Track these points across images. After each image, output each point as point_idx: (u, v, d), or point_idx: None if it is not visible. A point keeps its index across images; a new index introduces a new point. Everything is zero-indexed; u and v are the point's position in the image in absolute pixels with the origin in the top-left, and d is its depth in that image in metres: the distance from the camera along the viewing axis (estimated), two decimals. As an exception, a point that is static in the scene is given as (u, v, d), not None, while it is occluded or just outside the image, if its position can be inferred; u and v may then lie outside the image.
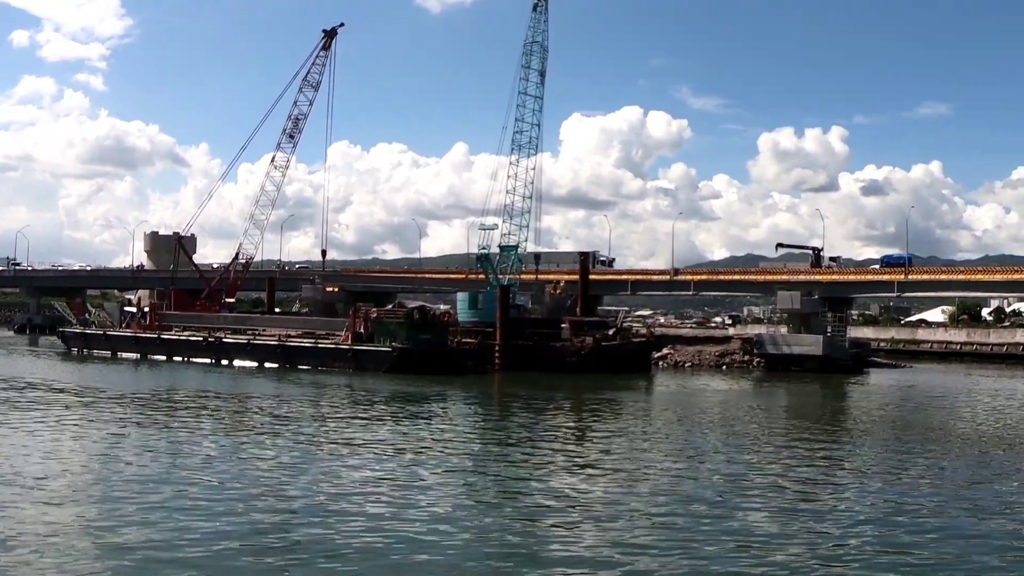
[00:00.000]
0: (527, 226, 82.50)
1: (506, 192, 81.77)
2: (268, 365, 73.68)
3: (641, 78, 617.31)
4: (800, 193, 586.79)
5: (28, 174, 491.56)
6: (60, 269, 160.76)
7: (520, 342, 75.87)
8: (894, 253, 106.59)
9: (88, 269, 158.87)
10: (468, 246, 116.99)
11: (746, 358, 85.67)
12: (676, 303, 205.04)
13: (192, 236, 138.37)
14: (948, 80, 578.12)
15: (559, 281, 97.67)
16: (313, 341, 76.04)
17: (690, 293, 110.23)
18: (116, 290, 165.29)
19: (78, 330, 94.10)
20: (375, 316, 76.88)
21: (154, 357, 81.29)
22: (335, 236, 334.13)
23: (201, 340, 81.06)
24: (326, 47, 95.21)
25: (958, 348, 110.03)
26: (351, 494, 24.61)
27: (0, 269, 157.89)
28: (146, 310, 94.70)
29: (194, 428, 37.70)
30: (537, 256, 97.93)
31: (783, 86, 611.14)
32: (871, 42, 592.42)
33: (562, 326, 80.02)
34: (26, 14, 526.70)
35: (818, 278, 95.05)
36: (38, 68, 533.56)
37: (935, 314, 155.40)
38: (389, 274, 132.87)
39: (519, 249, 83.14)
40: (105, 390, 52.53)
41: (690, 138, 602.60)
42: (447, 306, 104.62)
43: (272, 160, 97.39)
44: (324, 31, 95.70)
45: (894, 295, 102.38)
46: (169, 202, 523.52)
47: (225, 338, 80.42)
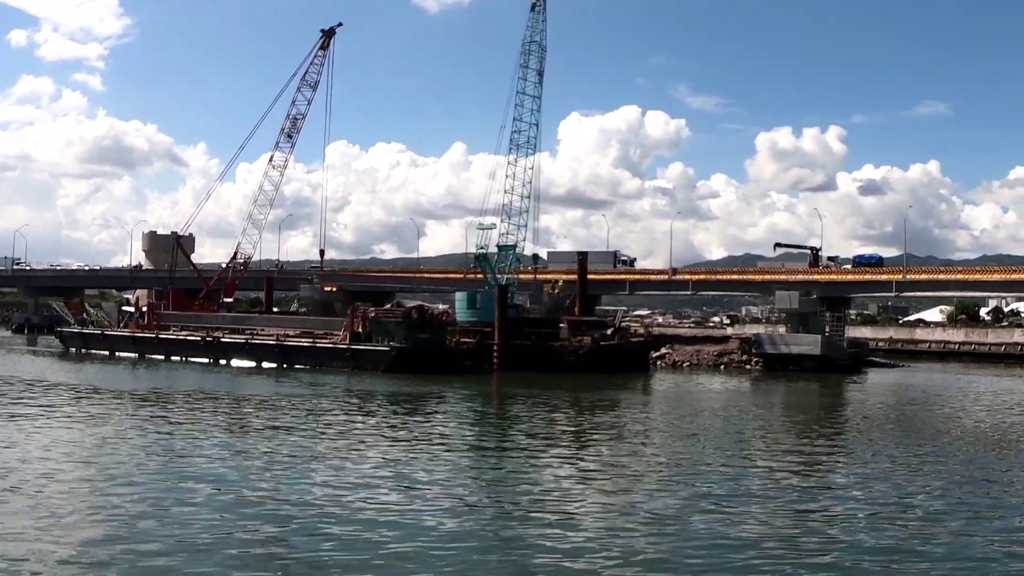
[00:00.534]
0: (525, 226, 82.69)
1: (504, 192, 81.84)
2: (266, 365, 73.65)
3: (639, 77, 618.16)
4: (798, 193, 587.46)
5: (26, 174, 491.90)
6: (58, 269, 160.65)
7: (518, 342, 75.86)
8: (866, 254, 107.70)
9: (86, 269, 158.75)
10: (466, 246, 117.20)
11: (744, 358, 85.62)
12: (674, 303, 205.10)
13: (190, 236, 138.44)
14: (946, 79, 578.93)
15: (557, 281, 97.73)
16: (311, 341, 76.04)
17: (688, 293, 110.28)
18: (114, 290, 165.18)
19: (76, 330, 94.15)
20: (373, 316, 76.91)
21: (152, 357, 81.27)
22: (333, 236, 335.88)
23: (199, 340, 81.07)
24: (324, 47, 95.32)
25: (956, 348, 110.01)
26: (348, 496, 24.54)
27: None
28: (144, 310, 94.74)
29: (189, 429, 37.57)
30: (538, 256, 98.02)
31: (781, 85, 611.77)
32: (869, 41, 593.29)
33: (560, 326, 80.00)
34: (24, 14, 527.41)
35: (816, 278, 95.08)
36: (36, 68, 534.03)
37: (933, 314, 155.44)
38: (387, 274, 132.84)
39: (517, 248, 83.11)
40: (101, 389, 52.53)
41: (688, 137, 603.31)
42: (445, 306, 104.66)
43: (270, 160, 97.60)
44: (322, 31, 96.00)
45: (892, 295, 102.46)
46: (167, 202, 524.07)
47: (223, 338, 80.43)
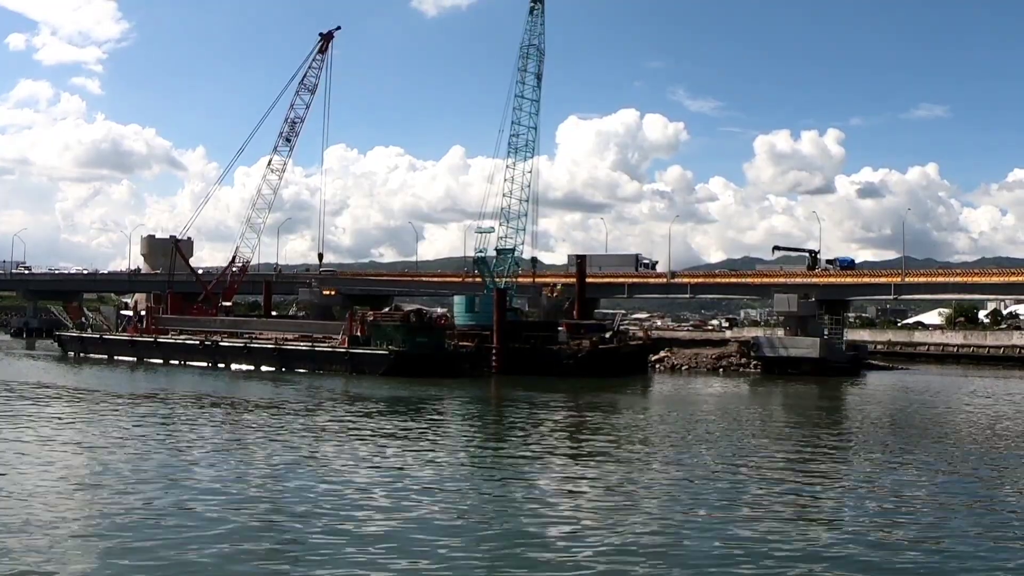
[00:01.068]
0: (524, 229, 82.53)
1: (503, 195, 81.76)
2: (265, 368, 73.59)
3: (637, 80, 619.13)
4: (796, 195, 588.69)
5: (25, 177, 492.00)
6: (57, 272, 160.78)
7: (517, 345, 75.85)
8: (840, 256, 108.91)
9: (85, 272, 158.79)
10: (465, 249, 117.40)
11: (743, 361, 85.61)
12: (673, 306, 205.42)
13: (189, 239, 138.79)
14: (944, 82, 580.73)
15: (556, 284, 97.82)
16: (310, 344, 76.04)
17: (687, 296, 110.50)
18: (113, 294, 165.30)
19: (75, 334, 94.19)
20: (372, 319, 77.01)
21: (150, 361, 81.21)
22: (332, 239, 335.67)
23: (197, 343, 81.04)
24: (323, 50, 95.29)
25: (955, 350, 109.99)
26: (347, 500, 24.52)
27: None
28: (143, 314, 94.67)
29: (186, 434, 37.54)
30: (537, 260, 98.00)
31: (779, 88, 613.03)
32: (867, 44, 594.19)
33: (559, 329, 80.00)
34: (23, 17, 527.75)
35: (815, 281, 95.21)
36: (35, 71, 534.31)
37: (932, 316, 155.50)
38: (386, 277, 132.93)
39: (516, 252, 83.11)
40: (98, 393, 52.48)
41: (686, 140, 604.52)
42: (444, 309, 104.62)
43: (269, 163, 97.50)
44: (320, 34, 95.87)
45: (891, 297, 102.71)
46: (166, 205, 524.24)
47: (222, 341, 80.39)
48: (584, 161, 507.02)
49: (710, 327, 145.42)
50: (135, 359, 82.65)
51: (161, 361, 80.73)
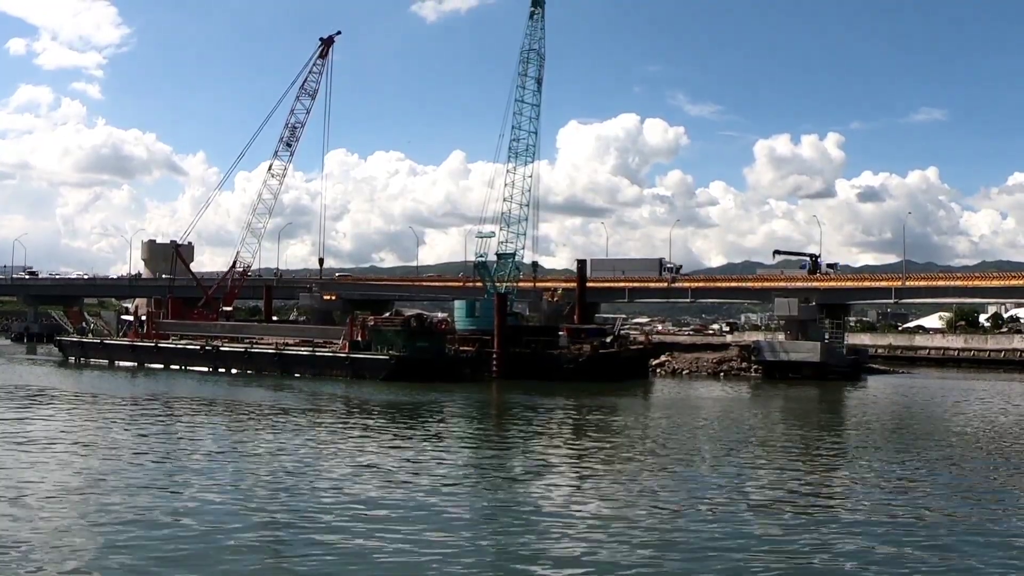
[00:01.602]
0: (524, 234, 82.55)
1: (503, 200, 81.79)
2: (265, 374, 73.56)
3: (637, 85, 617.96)
4: (797, 200, 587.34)
5: (25, 182, 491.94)
6: (57, 277, 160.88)
7: (518, 350, 75.84)
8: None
9: (85, 277, 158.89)
10: (465, 254, 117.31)
11: (744, 365, 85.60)
12: (673, 310, 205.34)
13: (189, 244, 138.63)
14: (944, 86, 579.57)
15: (556, 289, 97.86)
16: (310, 349, 76.06)
17: (687, 300, 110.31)
18: (113, 298, 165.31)
19: (75, 339, 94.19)
20: (372, 324, 77.04)
21: (151, 366, 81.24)
22: (332, 244, 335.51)
23: (198, 348, 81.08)
24: (323, 55, 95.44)
25: (956, 354, 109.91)
26: (346, 506, 24.50)
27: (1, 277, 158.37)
28: (143, 319, 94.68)
29: (185, 440, 37.53)
30: (538, 264, 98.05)
31: (779, 92, 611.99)
32: (867, 48, 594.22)
33: (560, 334, 79.99)
34: (23, 23, 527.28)
35: (815, 285, 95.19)
36: (35, 77, 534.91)
37: (932, 320, 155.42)
38: (386, 282, 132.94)
39: (516, 257, 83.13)
40: (99, 397, 52.49)
41: (686, 145, 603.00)
42: (444, 314, 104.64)
43: (269, 168, 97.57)
44: (321, 39, 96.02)
45: (891, 301, 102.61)
46: (166, 210, 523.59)
47: (222, 346, 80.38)
48: (584, 166, 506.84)
49: (711, 331, 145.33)
50: (136, 364, 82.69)
51: (162, 366, 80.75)
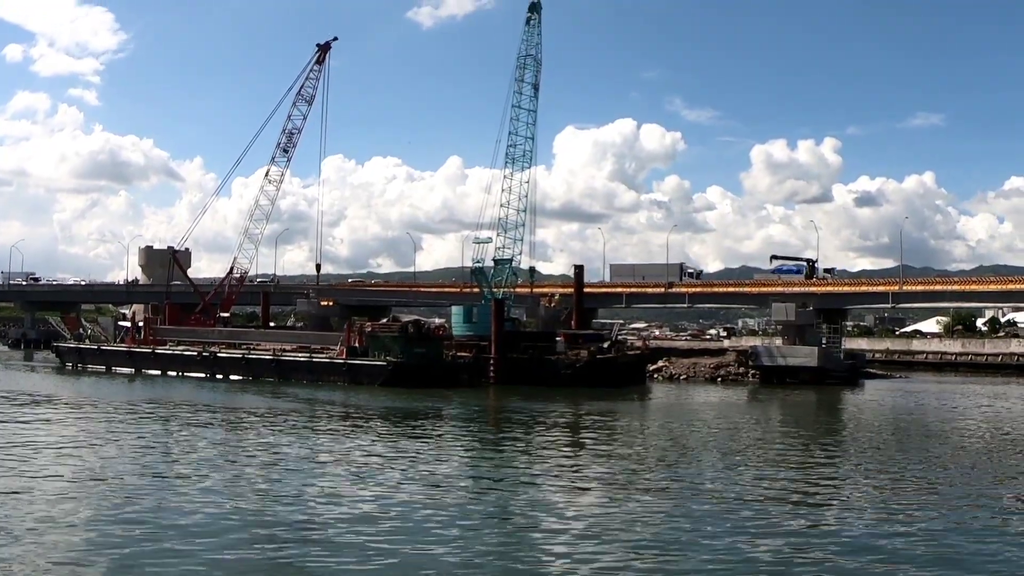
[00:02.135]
0: (521, 239, 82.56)
1: (500, 205, 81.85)
2: (263, 380, 73.47)
3: (634, 91, 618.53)
4: (794, 204, 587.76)
5: (22, 189, 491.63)
6: (55, 284, 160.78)
7: (515, 355, 75.79)
8: (786, 264, 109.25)
9: (83, 283, 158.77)
10: (463, 260, 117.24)
11: (741, 370, 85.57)
12: (671, 315, 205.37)
13: (187, 250, 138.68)
14: (941, 91, 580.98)
15: (554, 294, 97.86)
16: (308, 355, 75.97)
17: (685, 305, 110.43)
18: (111, 304, 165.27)
19: (72, 345, 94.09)
20: (370, 330, 77.02)
21: (148, 372, 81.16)
22: (329, 250, 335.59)
23: (195, 355, 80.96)
24: (320, 61, 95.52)
25: (953, 358, 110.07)
26: (342, 512, 24.48)
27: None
28: (140, 325, 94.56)
29: (182, 446, 37.46)
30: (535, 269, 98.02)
31: (776, 97, 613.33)
32: (863, 53, 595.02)
33: (557, 339, 79.97)
34: (20, 29, 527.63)
35: (812, 290, 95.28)
36: (32, 83, 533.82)
37: (930, 325, 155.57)
38: (384, 288, 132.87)
39: (514, 262, 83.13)
40: (96, 404, 52.41)
41: (683, 150, 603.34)
42: (442, 320, 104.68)
43: (266, 174, 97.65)
44: (318, 45, 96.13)
45: (889, 306, 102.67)
46: (163, 216, 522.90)
47: (219, 352, 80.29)
48: (581, 171, 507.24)
49: (708, 336, 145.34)
50: (133, 370, 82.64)
51: (159, 372, 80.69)
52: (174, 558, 19.52)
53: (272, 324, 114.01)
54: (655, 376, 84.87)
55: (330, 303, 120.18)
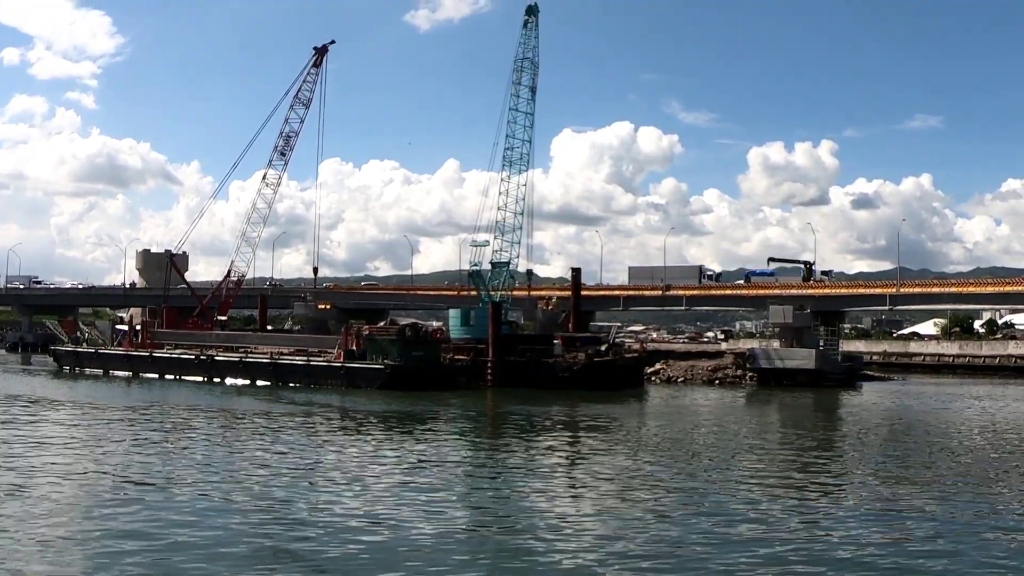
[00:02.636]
0: (519, 242, 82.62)
1: (497, 208, 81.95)
2: (260, 383, 73.48)
3: (631, 93, 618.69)
4: (791, 207, 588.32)
5: (19, 192, 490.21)
6: (52, 287, 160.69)
7: (512, 358, 75.83)
8: (757, 269, 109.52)
9: (80, 287, 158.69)
10: (460, 263, 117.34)
11: (739, 372, 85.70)
12: (668, 318, 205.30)
13: (184, 254, 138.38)
14: (938, 93, 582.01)
15: (551, 297, 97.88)
16: (305, 359, 75.95)
17: (682, 308, 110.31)
18: (108, 308, 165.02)
19: (70, 348, 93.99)
20: (367, 333, 76.94)
21: (146, 375, 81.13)
22: (327, 253, 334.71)
23: (193, 358, 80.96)
24: (317, 64, 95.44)
25: (951, 360, 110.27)
26: (339, 515, 24.50)
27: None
28: (138, 328, 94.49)
29: (179, 449, 37.45)
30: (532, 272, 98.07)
31: (773, 100, 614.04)
32: (861, 55, 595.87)
33: (554, 342, 79.98)
34: (17, 32, 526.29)
35: (810, 292, 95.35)
36: (29, 86, 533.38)
37: (927, 327, 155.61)
38: (381, 291, 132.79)
39: (511, 265, 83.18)
40: (93, 407, 52.35)
41: (680, 153, 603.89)
42: (439, 323, 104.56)
43: (263, 177, 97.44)
44: (315, 48, 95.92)
45: (886, 308, 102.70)
46: (161, 220, 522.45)
47: (217, 356, 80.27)
48: (578, 174, 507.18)
49: (706, 339, 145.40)
50: (130, 374, 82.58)
51: (156, 376, 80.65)
52: (170, 562, 19.53)
53: (269, 327, 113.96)
54: (653, 379, 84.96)
55: (327, 306, 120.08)
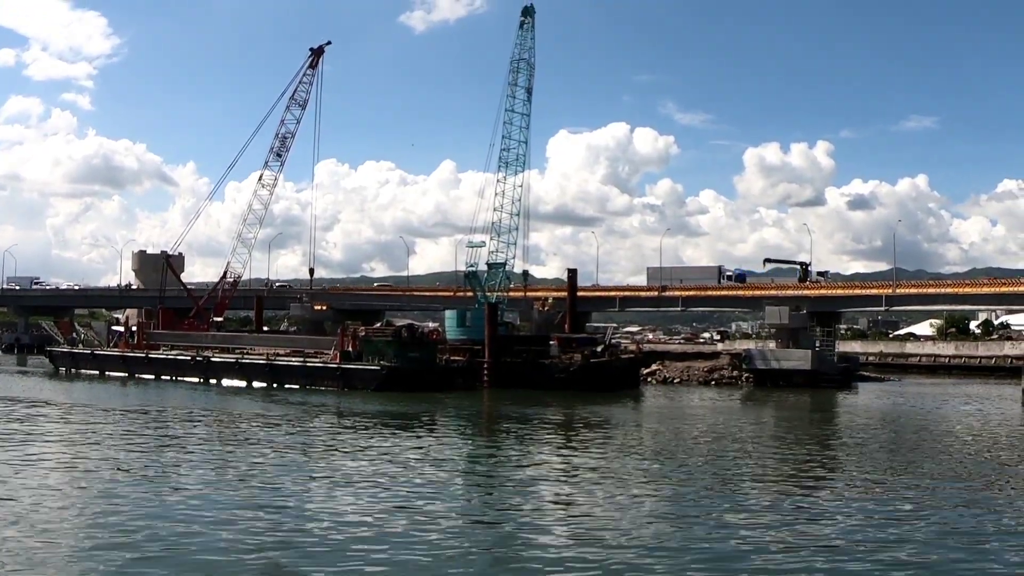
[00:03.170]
0: (514, 243, 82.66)
1: (493, 209, 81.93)
2: (256, 384, 73.44)
3: (627, 94, 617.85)
4: (787, 208, 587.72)
5: (15, 193, 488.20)
6: (48, 288, 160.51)
7: (508, 359, 75.86)
8: (733, 270, 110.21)
9: (76, 288, 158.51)
10: (456, 264, 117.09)
11: (735, 373, 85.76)
12: (664, 319, 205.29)
13: (180, 255, 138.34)
14: (933, 94, 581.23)
15: (547, 298, 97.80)
16: (301, 360, 75.92)
17: (678, 309, 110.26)
18: (104, 309, 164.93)
19: (66, 349, 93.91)
20: (363, 334, 76.91)
21: (142, 376, 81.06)
22: (323, 254, 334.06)
23: (189, 359, 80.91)
24: (313, 66, 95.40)
25: (946, 361, 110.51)
26: (336, 516, 24.50)
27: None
28: (134, 329, 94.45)
29: (176, 450, 37.44)
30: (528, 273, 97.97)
31: (769, 101, 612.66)
32: (856, 56, 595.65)
33: (550, 343, 80.00)
34: (13, 33, 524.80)
35: (806, 293, 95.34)
36: (25, 87, 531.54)
37: (923, 328, 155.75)
38: (377, 292, 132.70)
39: (507, 266, 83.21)
40: (89, 408, 52.30)
41: (676, 154, 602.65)
42: (435, 324, 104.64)
43: (259, 178, 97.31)
44: (311, 49, 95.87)
45: (882, 309, 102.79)
46: (157, 221, 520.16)
47: (213, 357, 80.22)
48: (574, 175, 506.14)
49: (702, 340, 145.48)
50: (126, 375, 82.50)
51: (152, 377, 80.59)
52: (164, 565, 19.53)
53: (265, 328, 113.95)
54: (649, 379, 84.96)
55: (323, 307, 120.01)
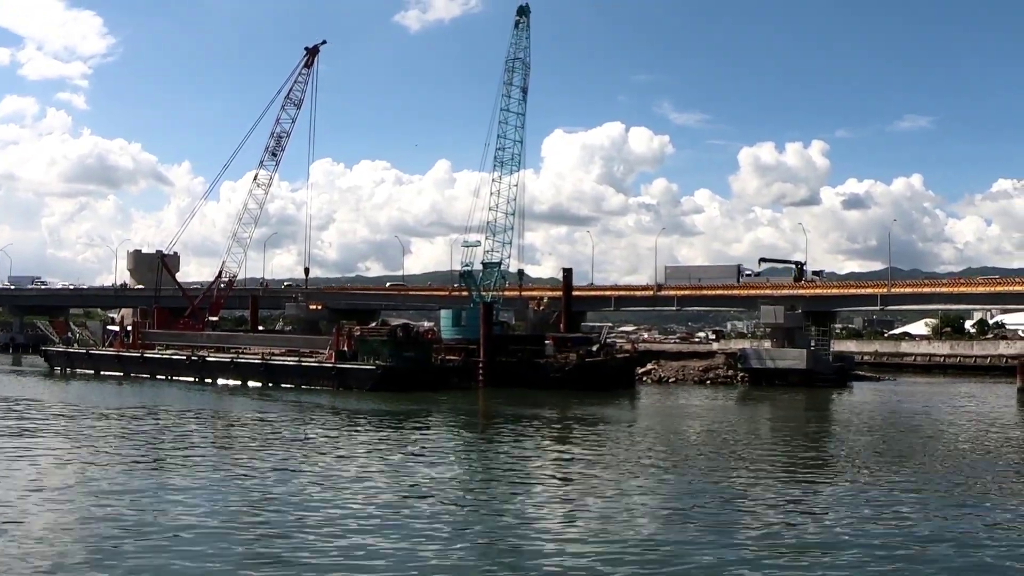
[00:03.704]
0: (510, 242, 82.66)
1: (488, 209, 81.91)
2: (252, 383, 73.40)
3: (622, 94, 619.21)
4: (782, 207, 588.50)
5: (11, 193, 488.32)
6: (43, 288, 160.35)
7: (504, 359, 75.89)
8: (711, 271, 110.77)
9: (71, 288, 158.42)
10: (451, 263, 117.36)
11: (730, 373, 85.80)
12: (660, 318, 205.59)
13: (175, 254, 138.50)
14: (928, 94, 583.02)
15: (542, 297, 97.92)
16: (297, 359, 75.88)
17: (674, 308, 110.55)
18: (99, 309, 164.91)
19: (61, 349, 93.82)
20: (359, 334, 76.91)
21: (137, 376, 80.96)
22: (318, 254, 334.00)
23: (184, 359, 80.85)
24: (308, 65, 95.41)
25: (941, 360, 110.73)
26: (333, 518, 24.48)
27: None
28: (129, 329, 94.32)
29: (173, 451, 37.40)
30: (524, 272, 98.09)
31: (764, 101, 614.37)
32: (852, 56, 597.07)
33: (546, 342, 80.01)
34: (8, 32, 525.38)
35: (801, 292, 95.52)
36: (20, 87, 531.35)
37: (918, 327, 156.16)
38: (372, 291, 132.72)
39: (502, 266, 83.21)
40: (84, 408, 52.23)
41: (672, 154, 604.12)
42: (431, 323, 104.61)
43: (255, 178, 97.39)
44: (306, 49, 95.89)
45: (877, 308, 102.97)
46: (152, 220, 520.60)
47: (208, 356, 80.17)
48: (570, 174, 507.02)
49: (697, 339, 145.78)
50: (122, 374, 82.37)
51: (148, 376, 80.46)
52: (159, 563, 19.52)
53: (261, 328, 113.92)
54: (644, 379, 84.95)
55: (319, 307, 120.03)
